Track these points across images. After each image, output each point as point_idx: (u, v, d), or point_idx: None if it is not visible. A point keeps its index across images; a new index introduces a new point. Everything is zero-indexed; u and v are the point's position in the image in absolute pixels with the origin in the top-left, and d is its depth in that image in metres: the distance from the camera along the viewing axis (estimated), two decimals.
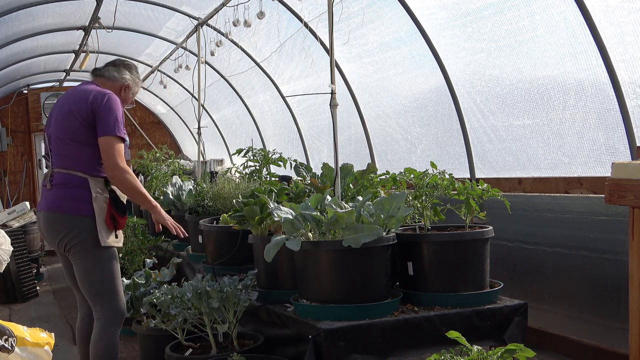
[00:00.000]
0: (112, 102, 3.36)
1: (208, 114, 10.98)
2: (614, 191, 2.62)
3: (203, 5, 7.33)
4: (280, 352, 3.43)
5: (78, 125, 3.34)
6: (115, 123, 3.31)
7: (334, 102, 3.72)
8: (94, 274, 3.38)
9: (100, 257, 3.38)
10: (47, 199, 3.43)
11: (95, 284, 3.38)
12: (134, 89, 3.70)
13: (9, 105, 13.20)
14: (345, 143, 7.11)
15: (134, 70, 3.74)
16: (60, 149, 3.40)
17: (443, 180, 3.49)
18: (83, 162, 3.36)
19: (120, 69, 3.66)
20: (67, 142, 3.37)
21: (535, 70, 4.65)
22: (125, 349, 4.87)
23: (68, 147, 3.37)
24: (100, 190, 3.38)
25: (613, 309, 3.87)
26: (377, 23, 5.91)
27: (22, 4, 7.23)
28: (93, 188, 3.35)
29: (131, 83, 3.67)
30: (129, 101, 3.73)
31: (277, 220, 3.19)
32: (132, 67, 3.75)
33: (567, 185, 4.40)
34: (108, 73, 3.63)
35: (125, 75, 3.65)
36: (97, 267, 3.37)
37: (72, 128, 3.35)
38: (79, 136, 3.35)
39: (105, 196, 3.39)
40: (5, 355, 2.68)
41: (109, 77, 3.62)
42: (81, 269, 3.39)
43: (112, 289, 3.40)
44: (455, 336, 2.52)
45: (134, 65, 3.78)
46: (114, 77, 3.62)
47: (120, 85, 3.63)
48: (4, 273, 6.28)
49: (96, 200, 3.35)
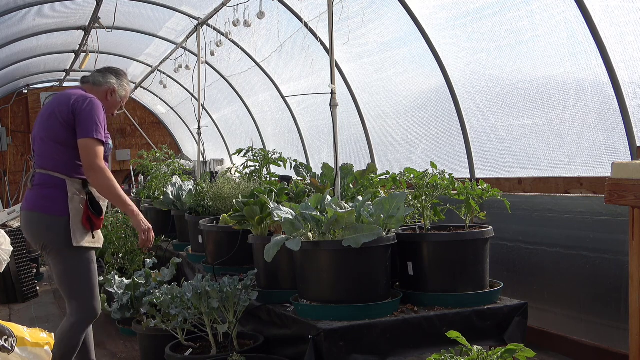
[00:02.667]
0: (94, 106, 3.41)
1: (208, 114, 10.98)
2: (614, 191, 2.62)
3: (203, 5, 7.33)
4: (280, 352, 3.43)
5: (59, 126, 3.40)
6: (95, 126, 3.36)
7: (334, 102, 3.72)
8: (69, 274, 3.43)
9: (76, 257, 3.42)
10: (27, 198, 3.52)
11: (71, 284, 3.44)
12: (120, 92, 3.73)
13: (9, 105, 13.20)
14: (345, 143, 7.11)
15: (121, 75, 3.78)
16: (42, 150, 3.48)
17: (443, 180, 3.49)
18: (62, 163, 3.42)
19: (106, 74, 3.71)
20: (48, 143, 3.44)
21: (535, 70, 4.65)
22: (125, 349, 4.87)
23: (49, 148, 3.44)
24: (77, 192, 3.43)
25: (613, 309, 3.87)
26: (377, 23, 5.91)
27: (22, 4, 7.23)
28: (70, 189, 3.41)
29: (117, 87, 3.71)
30: (117, 105, 3.78)
31: (277, 220, 3.19)
32: (120, 72, 3.80)
33: (567, 185, 4.40)
34: (93, 79, 3.69)
35: (110, 79, 3.69)
36: (73, 267, 3.43)
37: (53, 129, 3.42)
38: (59, 137, 3.41)
39: (82, 197, 3.44)
40: (5, 355, 2.68)
41: (94, 83, 3.67)
42: (58, 269, 3.46)
43: (87, 289, 3.45)
44: (455, 336, 2.52)
45: (122, 71, 3.82)
46: (99, 82, 3.67)
47: (106, 90, 3.67)
48: (4, 273, 6.28)
49: (72, 200, 3.40)
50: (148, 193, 6.91)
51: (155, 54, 10.06)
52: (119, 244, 6.01)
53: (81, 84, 3.71)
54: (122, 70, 3.82)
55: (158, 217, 6.31)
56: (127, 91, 3.78)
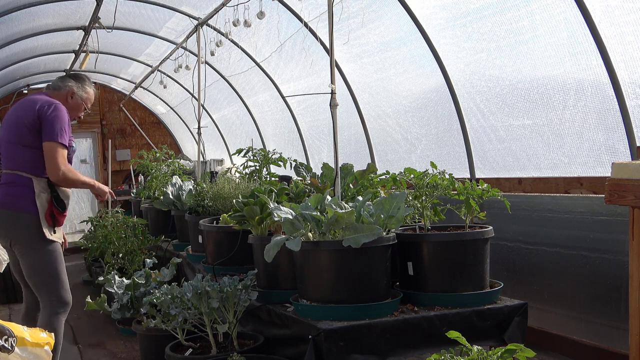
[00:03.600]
0: (58, 111, 3.67)
1: (208, 114, 10.98)
2: (614, 191, 2.62)
3: (203, 5, 7.33)
4: (280, 352, 3.43)
5: (25, 130, 3.65)
6: (60, 131, 3.63)
7: (334, 102, 3.72)
8: (38, 266, 3.67)
9: (45, 250, 3.66)
10: None
11: (41, 276, 3.67)
12: (80, 94, 3.95)
13: (9, 105, 13.19)
14: (345, 143, 7.11)
15: (81, 78, 4.00)
16: (9, 152, 3.72)
17: (443, 180, 3.49)
18: (28, 163, 3.66)
19: (65, 79, 3.97)
20: (15, 146, 3.69)
21: (535, 70, 4.65)
22: (125, 349, 4.87)
23: (15, 150, 3.69)
24: (43, 190, 3.67)
25: (613, 309, 3.87)
26: (377, 23, 5.91)
27: (22, 4, 7.23)
28: (37, 187, 3.65)
29: (75, 89, 3.93)
30: (79, 107, 3.99)
31: (277, 220, 3.19)
32: (80, 76, 4.03)
33: (567, 185, 4.40)
34: (54, 84, 3.95)
35: (69, 83, 3.93)
36: (42, 260, 3.66)
37: (19, 133, 3.67)
38: (25, 141, 3.66)
39: (48, 194, 3.67)
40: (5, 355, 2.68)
41: (54, 87, 3.93)
42: (27, 263, 3.69)
43: (57, 280, 3.68)
44: (455, 336, 2.52)
45: (83, 75, 4.06)
46: (58, 87, 3.92)
47: (65, 93, 3.91)
48: (4, 273, 6.26)
49: (39, 197, 3.64)
50: (148, 193, 6.92)
51: (155, 54, 10.06)
52: (119, 244, 6.01)
53: (45, 89, 3.96)
54: (84, 74, 4.09)
55: (158, 217, 6.32)
56: (88, 93, 4.00)
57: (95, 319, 5.73)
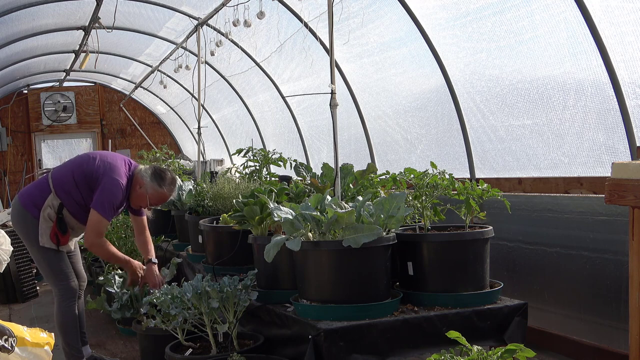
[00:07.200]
0: (113, 187, 3.89)
1: (208, 114, 10.98)
2: (614, 191, 2.62)
3: (203, 5, 7.33)
4: (280, 352, 3.43)
5: (82, 177, 3.94)
6: (109, 205, 3.89)
7: (333, 102, 3.72)
8: (41, 262, 4.03)
9: (44, 248, 3.97)
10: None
11: (45, 270, 4.04)
12: (147, 190, 4.02)
13: (9, 105, 13.21)
14: (345, 143, 7.11)
15: (161, 178, 4.04)
16: (62, 172, 4.03)
17: (443, 180, 3.49)
18: (63, 185, 3.96)
19: (148, 170, 4.05)
20: (70, 177, 3.97)
21: (535, 70, 4.65)
22: (125, 349, 4.87)
23: (66, 175, 3.98)
24: (52, 206, 3.94)
25: (613, 309, 3.87)
26: (377, 23, 5.91)
27: (22, 4, 7.23)
28: (49, 200, 3.94)
29: (146, 183, 4.01)
30: (142, 199, 4.08)
31: (277, 220, 3.19)
32: (163, 176, 4.05)
33: (567, 185, 4.40)
34: (139, 168, 4.09)
35: (145, 175, 4.03)
36: (43, 257, 4.00)
37: (80, 172, 3.97)
38: (78, 181, 3.96)
39: (53, 212, 3.93)
40: (5, 355, 2.68)
41: (137, 171, 4.07)
42: (32, 256, 4.11)
43: (60, 272, 4.02)
44: (455, 336, 2.52)
45: (168, 177, 4.08)
46: (139, 171, 4.06)
47: (137, 180, 4.05)
48: (4, 273, 6.28)
49: (45, 209, 3.94)
50: None
51: (155, 54, 10.07)
52: (119, 244, 6.00)
53: (135, 169, 4.10)
54: (170, 176, 4.10)
55: (158, 217, 6.31)
56: (158, 193, 4.05)
57: (95, 319, 5.72)
